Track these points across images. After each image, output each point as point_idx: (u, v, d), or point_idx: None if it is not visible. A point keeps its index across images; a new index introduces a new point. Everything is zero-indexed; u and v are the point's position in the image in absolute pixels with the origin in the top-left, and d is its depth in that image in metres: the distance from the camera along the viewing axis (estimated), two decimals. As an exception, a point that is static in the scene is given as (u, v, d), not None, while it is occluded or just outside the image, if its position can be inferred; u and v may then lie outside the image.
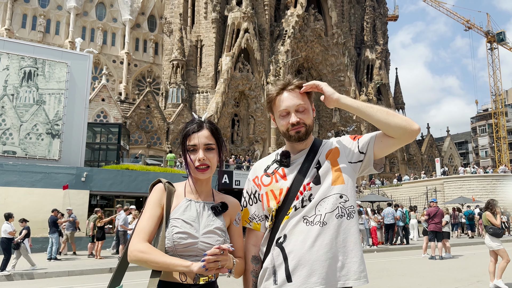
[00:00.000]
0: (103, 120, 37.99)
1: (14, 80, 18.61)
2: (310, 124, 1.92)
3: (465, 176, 34.88)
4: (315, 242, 1.76)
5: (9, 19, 47.24)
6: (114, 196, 20.31)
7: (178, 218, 1.74)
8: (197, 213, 1.79)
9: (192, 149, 1.81)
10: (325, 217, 1.79)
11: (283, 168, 1.93)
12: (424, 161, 59.60)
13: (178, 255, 1.70)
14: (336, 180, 1.84)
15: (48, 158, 18.66)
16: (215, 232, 1.78)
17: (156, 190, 1.82)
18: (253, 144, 44.92)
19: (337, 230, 1.79)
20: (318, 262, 1.74)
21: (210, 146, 1.82)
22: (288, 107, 1.89)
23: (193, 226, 1.74)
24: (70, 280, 10.52)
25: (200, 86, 45.76)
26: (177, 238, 1.70)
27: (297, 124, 1.87)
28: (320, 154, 1.94)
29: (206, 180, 1.88)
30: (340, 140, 1.98)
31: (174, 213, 1.76)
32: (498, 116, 66.85)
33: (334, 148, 1.94)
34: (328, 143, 1.99)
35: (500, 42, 66.88)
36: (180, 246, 1.70)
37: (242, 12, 44.96)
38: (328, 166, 1.88)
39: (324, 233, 1.77)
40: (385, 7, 62.82)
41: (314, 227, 1.78)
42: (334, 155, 1.91)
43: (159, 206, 1.78)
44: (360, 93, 53.28)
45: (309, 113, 1.92)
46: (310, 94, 1.96)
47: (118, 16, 53.30)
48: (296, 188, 1.86)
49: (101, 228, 14.98)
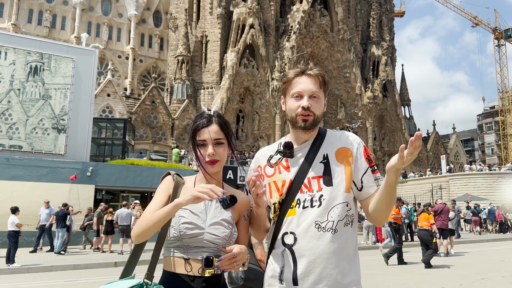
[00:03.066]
0: (109, 115, 38.12)
1: (20, 75, 18.70)
2: (319, 115, 1.87)
3: (471, 173, 34.72)
4: (327, 249, 1.74)
5: (15, 14, 47.39)
6: (119, 191, 20.42)
7: (185, 208, 1.74)
8: (205, 205, 1.79)
9: (202, 144, 1.81)
10: (337, 225, 1.77)
11: (286, 159, 1.89)
12: (429, 158, 59.34)
13: (185, 245, 1.72)
14: (348, 188, 1.81)
15: (54, 153, 18.77)
16: (222, 224, 1.77)
17: (165, 181, 1.87)
18: (257, 140, 44.90)
19: (345, 239, 1.79)
20: (326, 269, 1.73)
21: (219, 140, 1.82)
22: (304, 90, 1.84)
23: (200, 217, 1.75)
24: (75, 274, 10.60)
25: (205, 82, 45.75)
26: (184, 228, 1.71)
27: (307, 109, 1.82)
28: (326, 147, 1.87)
29: (216, 174, 1.87)
30: (357, 148, 1.87)
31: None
32: (505, 113, 66.35)
33: (347, 152, 1.86)
34: (334, 134, 1.93)
35: (508, 39, 66.29)
36: (186, 236, 1.71)
37: (248, 7, 44.83)
38: (342, 171, 1.83)
39: (335, 241, 1.76)
40: (391, 3, 62.40)
41: (326, 234, 1.76)
42: (348, 161, 1.85)
43: (166, 195, 1.81)
44: (365, 89, 53.06)
45: (320, 104, 1.87)
46: (326, 88, 1.91)
47: (123, 12, 53.31)
48: (299, 180, 1.83)
49: (110, 222, 15.11)
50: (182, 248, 1.73)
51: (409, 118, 61.82)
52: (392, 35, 60.26)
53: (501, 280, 8.89)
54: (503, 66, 66.79)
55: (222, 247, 1.74)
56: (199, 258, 1.71)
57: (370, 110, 52.44)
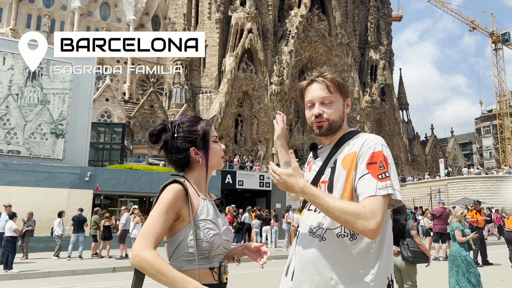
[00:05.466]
0: (107, 120, 38.11)
1: (18, 80, 18.70)
2: (335, 119, 1.82)
3: (469, 177, 34.75)
4: (312, 255, 1.72)
5: (13, 19, 47.47)
6: (117, 196, 20.37)
7: (207, 219, 1.71)
8: (214, 211, 1.80)
9: (215, 141, 1.87)
10: (326, 233, 1.71)
11: (314, 160, 1.95)
12: (428, 161, 59.44)
13: (211, 256, 1.71)
14: (347, 195, 1.70)
15: (52, 158, 18.73)
16: (229, 229, 1.83)
17: (174, 193, 1.68)
18: (256, 144, 44.91)
19: (335, 249, 1.68)
20: (309, 274, 1.71)
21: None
22: (313, 98, 1.84)
23: (217, 225, 1.75)
24: (74, 280, 10.55)
25: (204, 86, 45.82)
26: (215, 240, 1.70)
27: (319, 116, 1.81)
28: (342, 152, 1.80)
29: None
30: (365, 152, 1.71)
31: (201, 214, 1.72)
32: (503, 117, 66.54)
33: (354, 156, 1.73)
34: (357, 139, 1.80)
35: (505, 43, 66.59)
36: (214, 246, 1.70)
37: (246, 12, 44.98)
38: (344, 177, 1.73)
39: (321, 249, 1.70)
40: (389, 8, 62.73)
41: (314, 240, 1.74)
42: (351, 166, 1.72)
43: (175, 211, 1.68)
44: (364, 93, 53.19)
45: (335, 108, 1.83)
46: (342, 90, 1.86)
47: (122, 16, 53.44)
48: (314, 183, 1.83)
49: (107, 228, 15.06)
50: (207, 259, 1.70)
51: (407, 122, 61.97)
52: (390, 39, 60.52)
53: (500, 284, 8.88)
54: (500, 70, 67.07)
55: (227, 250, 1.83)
56: (217, 266, 1.73)
57: (368, 114, 52.56)
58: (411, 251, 5.18)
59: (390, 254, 1.76)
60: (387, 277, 1.70)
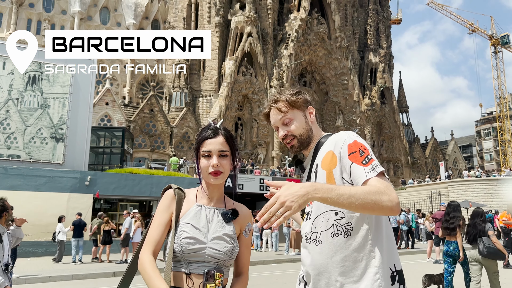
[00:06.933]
0: (107, 124, 38.12)
1: (18, 84, 18.72)
2: (302, 133, 1.85)
3: (470, 179, 34.74)
4: (313, 262, 1.74)
5: (14, 24, 47.58)
6: (117, 200, 20.35)
7: (187, 222, 1.74)
8: (207, 219, 1.78)
9: (206, 155, 1.80)
10: (321, 236, 1.72)
11: (302, 173, 1.99)
12: (428, 164, 59.40)
13: (186, 260, 1.70)
14: None
15: (52, 162, 18.71)
16: (224, 239, 1.76)
17: (166, 196, 1.82)
18: (256, 148, 44.92)
19: (332, 249, 1.68)
20: (315, 281, 1.74)
21: (224, 153, 1.81)
22: (275, 123, 1.90)
23: (201, 232, 1.73)
24: (74, 284, 10.52)
25: (204, 90, 45.87)
26: (185, 243, 1.69)
27: (285, 137, 1.87)
28: (320, 156, 1.81)
29: (218, 186, 1.88)
30: (341, 147, 1.71)
31: (184, 218, 1.76)
32: (503, 119, 66.57)
33: (331, 155, 1.73)
34: (329, 140, 1.82)
35: (504, 45, 66.73)
36: (187, 251, 1.69)
37: (246, 16, 45.09)
38: (324, 177, 1.73)
39: (320, 252, 1.71)
40: (388, 11, 62.87)
41: (311, 245, 1.76)
42: (330, 165, 1.73)
43: (168, 212, 1.78)
44: (363, 96, 53.23)
45: (297, 124, 1.85)
46: (297, 104, 1.86)
47: (122, 21, 53.57)
48: None
49: (107, 232, 15.02)
50: (184, 263, 1.71)
51: (407, 125, 61.99)
52: (389, 42, 60.65)
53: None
54: (500, 72, 67.16)
55: (223, 261, 1.75)
56: (201, 273, 1.69)
57: (368, 117, 52.58)
58: (486, 247, 6.14)
59: (391, 244, 1.73)
60: (390, 268, 1.67)
